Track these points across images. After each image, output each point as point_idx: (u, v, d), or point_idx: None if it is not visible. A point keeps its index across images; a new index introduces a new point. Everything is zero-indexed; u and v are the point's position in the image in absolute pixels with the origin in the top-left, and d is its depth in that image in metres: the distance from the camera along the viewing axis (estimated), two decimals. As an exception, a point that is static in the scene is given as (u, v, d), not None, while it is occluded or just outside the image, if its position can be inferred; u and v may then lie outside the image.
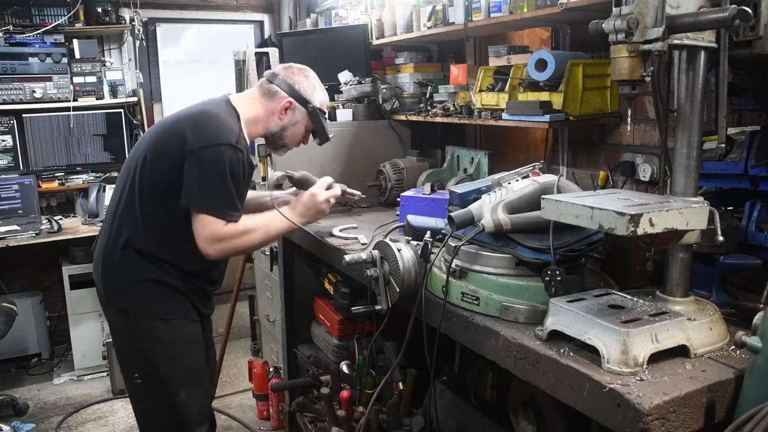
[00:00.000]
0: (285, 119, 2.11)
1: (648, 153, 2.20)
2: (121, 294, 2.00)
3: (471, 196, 1.84)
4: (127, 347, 2.06)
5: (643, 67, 1.29)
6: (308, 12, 4.48)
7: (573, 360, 1.26)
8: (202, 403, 2.13)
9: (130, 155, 2.09)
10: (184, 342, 2.04)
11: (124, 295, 1.99)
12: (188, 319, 2.05)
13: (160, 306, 1.99)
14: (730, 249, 1.51)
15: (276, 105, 2.09)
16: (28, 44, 4.02)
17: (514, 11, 2.29)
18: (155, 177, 1.93)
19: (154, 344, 1.99)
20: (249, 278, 4.19)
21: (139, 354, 2.01)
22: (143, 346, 2.00)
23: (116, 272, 2.01)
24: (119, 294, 2.01)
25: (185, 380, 2.04)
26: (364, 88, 3.13)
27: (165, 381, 2.00)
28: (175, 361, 2.01)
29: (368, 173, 3.05)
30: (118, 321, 2.05)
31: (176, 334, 2.02)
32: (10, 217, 3.98)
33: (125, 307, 2.00)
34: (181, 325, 2.03)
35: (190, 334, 2.06)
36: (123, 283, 1.99)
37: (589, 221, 1.24)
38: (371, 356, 2.39)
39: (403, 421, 2.20)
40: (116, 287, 2.02)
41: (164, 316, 1.99)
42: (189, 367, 2.06)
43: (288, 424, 2.95)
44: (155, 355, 1.99)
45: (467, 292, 1.56)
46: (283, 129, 2.12)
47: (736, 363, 1.25)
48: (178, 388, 2.02)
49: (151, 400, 2.06)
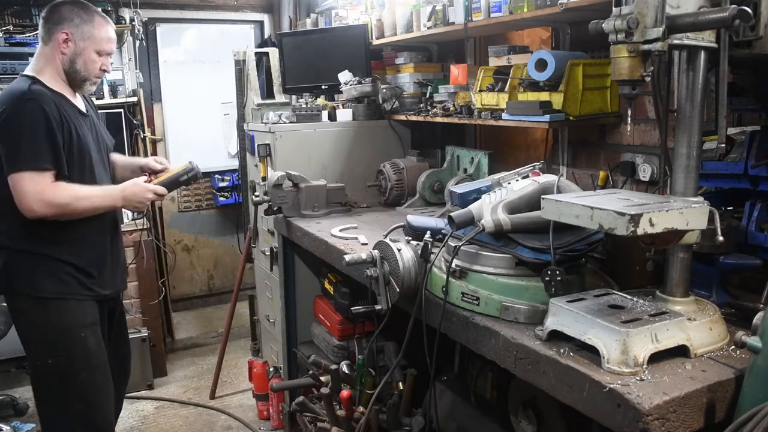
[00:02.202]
0: (68, 51, 2.12)
1: (648, 153, 2.20)
2: None
3: (471, 196, 1.84)
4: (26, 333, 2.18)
5: (643, 67, 1.30)
6: (308, 12, 4.48)
7: (573, 360, 1.26)
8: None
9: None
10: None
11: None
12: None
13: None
14: (730, 249, 1.51)
15: (54, 42, 2.11)
16: (28, 44, 4.01)
17: (514, 11, 2.29)
18: None
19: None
20: (249, 278, 4.19)
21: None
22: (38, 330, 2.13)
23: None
24: None
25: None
26: (364, 88, 3.13)
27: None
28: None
29: (368, 173, 3.05)
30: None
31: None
32: (10, 217, 3.97)
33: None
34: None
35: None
36: None
37: (589, 221, 1.24)
38: (371, 356, 2.38)
39: (403, 421, 2.20)
40: None
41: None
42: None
43: (288, 424, 2.95)
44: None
45: (467, 292, 1.56)
46: (72, 62, 2.13)
47: (736, 363, 1.25)
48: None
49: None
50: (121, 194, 2.19)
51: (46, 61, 2.12)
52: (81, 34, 2.12)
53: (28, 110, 1.99)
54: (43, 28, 2.14)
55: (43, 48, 2.14)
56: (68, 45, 2.11)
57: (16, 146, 1.98)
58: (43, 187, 1.98)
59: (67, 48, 2.11)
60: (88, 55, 2.15)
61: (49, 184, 2.00)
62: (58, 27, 2.11)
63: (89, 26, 2.14)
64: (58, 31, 2.10)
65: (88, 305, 2.17)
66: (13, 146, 1.98)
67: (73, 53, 2.13)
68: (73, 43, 2.12)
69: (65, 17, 2.11)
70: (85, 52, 2.14)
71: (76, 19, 2.12)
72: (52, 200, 2.00)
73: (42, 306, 2.09)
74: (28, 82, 2.05)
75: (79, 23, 2.12)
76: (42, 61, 2.13)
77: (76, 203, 2.06)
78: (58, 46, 2.11)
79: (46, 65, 2.12)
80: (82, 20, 2.13)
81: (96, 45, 2.15)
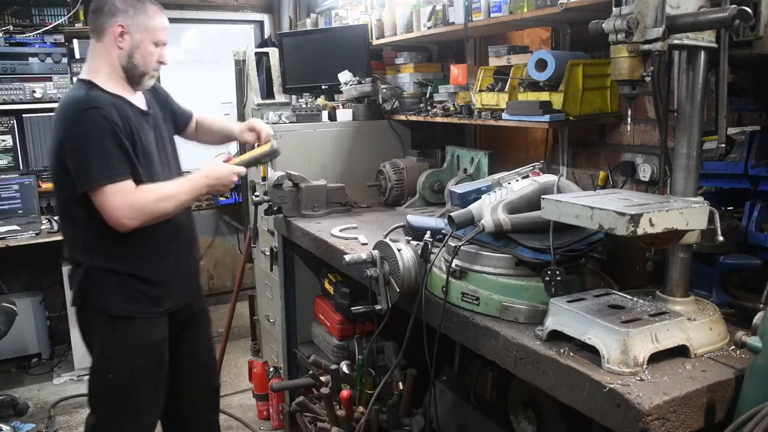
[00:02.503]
0: (125, 45, 1.95)
1: (648, 153, 2.20)
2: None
3: (471, 196, 1.84)
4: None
5: (643, 67, 1.30)
6: (308, 12, 4.48)
7: (573, 360, 1.26)
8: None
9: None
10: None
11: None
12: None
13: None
14: (730, 249, 1.51)
15: (109, 37, 1.94)
16: (28, 44, 4.02)
17: (514, 11, 2.29)
18: (55, 183, 1.99)
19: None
20: (249, 278, 4.19)
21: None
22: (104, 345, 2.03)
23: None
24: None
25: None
26: (364, 88, 3.13)
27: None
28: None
29: (368, 173, 3.05)
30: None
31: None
32: (10, 217, 3.98)
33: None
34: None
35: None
36: None
37: (589, 221, 1.24)
38: (371, 356, 2.38)
39: (403, 421, 2.20)
40: None
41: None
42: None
43: (288, 424, 2.95)
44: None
45: (467, 292, 1.56)
46: (130, 56, 1.97)
47: (736, 363, 1.25)
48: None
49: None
50: (206, 181, 2.02)
51: (102, 59, 1.96)
52: (137, 26, 1.95)
53: (89, 120, 1.84)
54: (93, 22, 1.96)
55: (96, 45, 1.97)
56: (124, 39, 1.94)
57: (85, 161, 1.83)
58: (129, 197, 1.85)
59: (123, 42, 1.94)
60: (146, 47, 1.98)
61: (133, 192, 1.87)
62: (112, 20, 1.93)
63: (144, 16, 1.96)
64: (113, 24, 1.93)
65: (158, 323, 2.06)
66: (82, 161, 1.84)
67: (131, 47, 1.96)
68: (130, 36, 1.94)
69: (119, 8, 1.93)
70: (143, 44, 1.97)
71: (130, 10, 1.94)
72: (143, 208, 1.87)
73: (111, 323, 1.98)
74: (84, 89, 1.91)
75: (133, 14, 1.94)
76: (97, 60, 1.97)
77: (164, 204, 1.92)
78: (113, 40, 1.93)
79: (101, 64, 1.96)
80: (136, 10, 1.95)
81: (153, 36, 1.99)
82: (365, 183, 3.02)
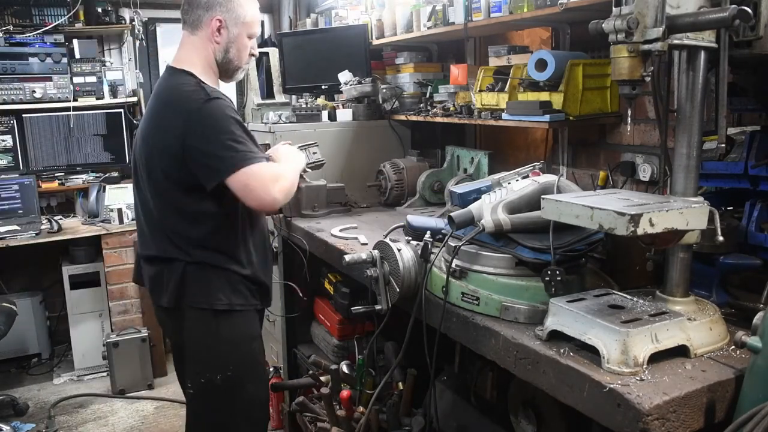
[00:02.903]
0: (222, 39, 1.92)
1: (648, 153, 2.20)
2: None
3: (471, 196, 1.84)
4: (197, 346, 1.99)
5: (643, 67, 1.30)
6: (308, 12, 4.48)
7: (573, 360, 1.26)
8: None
9: (133, 163, 2.01)
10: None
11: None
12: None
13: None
14: (730, 249, 1.51)
15: (206, 31, 1.91)
16: (28, 44, 4.02)
17: (514, 11, 2.29)
18: (160, 175, 1.86)
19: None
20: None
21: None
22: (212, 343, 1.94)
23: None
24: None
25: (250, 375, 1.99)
26: (364, 88, 3.13)
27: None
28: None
29: (368, 173, 3.05)
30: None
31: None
32: (10, 217, 3.98)
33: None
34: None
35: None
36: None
37: (589, 221, 1.24)
38: (371, 356, 2.39)
39: (403, 421, 2.20)
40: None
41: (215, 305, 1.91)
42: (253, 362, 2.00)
43: (288, 424, 2.95)
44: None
45: (467, 292, 1.56)
46: (226, 51, 1.94)
47: (736, 363, 1.24)
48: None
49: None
50: (298, 154, 2.03)
51: (196, 53, 1.92)
52: (234, 19, 1.91)
53: (215, 109, 1.79)
54: (190, 14, 1.92)
55: (190, 38, 1.93)
56: (221, 33, 1.90)
57: (220, 150, 1.76)
58: (274, 174, 1.80)
59: (220, 37, 1.91)
60: (242, 41, 1.95)
61: (272, 171, 1.82)
62: (209, 13, 1.89)
63: (241, 9, 1.92)
64: (210, 18, 1.89)
65: (254, 316, 2.03)
66: (216, 151, 1.76)
67: (227, 41, 1.92)
68: (227, 30, 1.91)
69: (217, 1, 1.89)
70: (239, 38, 1.94)
71: (228, 3, 1.89)
72: (284, 184, 1.83)
73: (215, 318, 1.91)
74: (191, 80, 1.86)
75: (231, 7, 1.90)
76: (191, 53, 1.93)
77: (290, 181, 1.89)
78: (211, 35, 1.90)
79: (196, 57, 1.92)
80: (234, 3, 1.90)
81: (248, 29, 1.95)
82: (365, 183, 3.02)
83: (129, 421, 3.51)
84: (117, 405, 3.72)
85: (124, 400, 3.75)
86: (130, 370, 3.79)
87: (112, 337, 3.79)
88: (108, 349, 3.76)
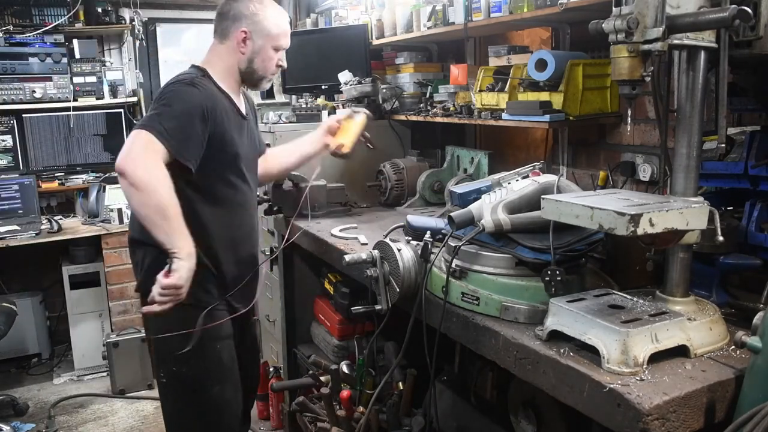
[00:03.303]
0: (247, 50, 2.00)
1: (648, 153, 2.20)
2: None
3: (471, 196, 1.84)
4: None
5: (643, 67, 1.29)
6: (308, 12, 4.48)
7: (573, 360, 1.26)
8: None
9: None
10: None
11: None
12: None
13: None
14: (730, 249, 1.51)
15: (232, 41, 2.00)
16: (28, 44, 4.02)
17: (514, 11, 2.29)
18: None
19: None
20: (249, 278, 4.18)
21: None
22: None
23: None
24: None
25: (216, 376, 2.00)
26: (364, 88, 3.13)
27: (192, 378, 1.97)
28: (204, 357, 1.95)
29: (368, 173, 3.05)
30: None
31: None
32: (10, 217, 3.98)
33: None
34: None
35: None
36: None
37: (589, 221, 1.24)
38: (371, 356, 2.39)
39: (403, 421, 2.20)
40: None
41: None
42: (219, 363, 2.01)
43: (288, 424, 2.95)
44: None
45: (467, 292, 1.56)
46: (250, 61, 2.02)
47: (736, 363, 1.24)
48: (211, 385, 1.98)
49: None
50: (185, 250, 1.78)
51: (219, 58, 2.02)
52: (259, 32, 1.99)
53: (186, 93, 1.86)
54: (219, 24, 2.02)
55: (217, 46, 2.03)
56: (246, 44, 1.99)
57: (156, 111, 1.81)
58: (143, 145, 1.75)
59: (245, 48, 1.99)
60: (266, 53, 2.02)
61: (150, 150, 1.75)
62: (236, 25, 1.98)
63: (267, 22, 2.00)
64: (237, 29, 1.98)
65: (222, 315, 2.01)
66: (155, 111, 1.82)
67: (252, 52, 2.00)
68: (252, 41, 1.99)
69: (244, 14, 1.98)
70: (264, 50, 2.01)
71: (255, 16, 1.98)
72: (142, 164, 1.73)
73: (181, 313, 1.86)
74: (196, 73, 1.96)
75: (257, 20, 1.98)
76: (216, 59, 2.02)
77: (145, 194, 1.73)
78: (236, 45, 1.99)
79: (219, 63, 2.01)
80: (260, 17, 1.99)
81: (274, 41, 2.02)
82: (365, 183, 3.02)
83: (129, 421, 3.51)
84: (117, 405, 3.72)
85: (124, 400, 3.74)
86: (130, 370, 3.79)
87: (112, 337, 3.79)
88: (108, 349, 3.76)
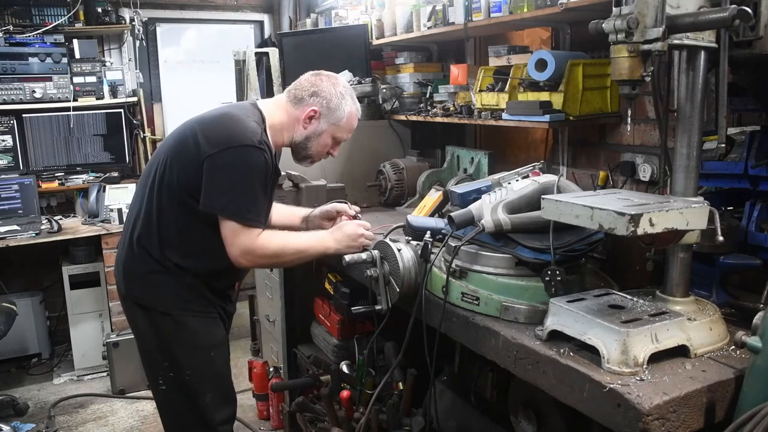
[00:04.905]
0: (309, 128, 1.99)
1: (648, 153, 2.20)
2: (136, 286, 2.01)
3: (471, 196, 1.84)
4: (150, 346, 2.04)
5: (643, 67, 1.30)
6: (308, 12, 4.48)
7: (573, 360, 1.26)
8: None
9: (151, 158, 2.05)
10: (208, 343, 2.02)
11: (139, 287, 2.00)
12: (210, 317, 2.03)
13: (176, 298, 1.97)
14: (730, 249, 1.51)
15: (300, 113, 1.98)
16: (28, 44, 4.02)
17: (514, 11, 2.29)
18: (173, 181, 1.89)
19: (178, 346, 1.98)
20: (249, 278, 4.18)
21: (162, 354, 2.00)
22: (166, 345, 1.98)
23: (130, 266, 2.02)
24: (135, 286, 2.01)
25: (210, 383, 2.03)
26: (364, 88, 3.13)
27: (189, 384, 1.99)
28: (201, 364, 1.99)
29: (368, 173, 3.05)
30: (138, 317, 2.03)
31: (199, 333, 1.99)
32: (10, 217, 3.97)
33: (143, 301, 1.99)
34: (202, 322, 2.00)
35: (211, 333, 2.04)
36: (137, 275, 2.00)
37: (589, 221, 1.24)
38: (371, 356, 2.38)
39: (403, 421, 2.20)
40: (131, 280, 2.02)
41: (184, 307, 1.96)
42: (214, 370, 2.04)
43: (288, 424, 2.95)
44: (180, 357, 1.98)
45: (467, 292, 1.56)
46: (307, 139, 2.00)
47: (736, 363, 1.25)
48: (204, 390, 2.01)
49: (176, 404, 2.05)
50: (331, 236, 2.01)
51: (285, 118, 1.99)
52: (328, 117, 1.98)
53: (252, 157, 1.82)
54: (297, 90, 1.99)
55: (287, 104, 2.00)
56: (311, 122, 1.98)
57: (228, 189, 1.82)
58: (251, 241, 1.85)
59: (308, 124, 1.98)
60: (326, 138, 2.01)
61: (256, 239, 1.86)
62: (312, 99, 1.96)
63: (340, 112, 1.98)
64: (310, 104, 1.96)
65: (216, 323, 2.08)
66: (225, 187, 1.83)
67: (313, 131, 1.99)
68: (318, 121, 1.98)
69: (323, 96, 1.96)
70: (324, 134, 2.00)
71: (331, 102, 1.97)
72: (262, 253, 1.88)
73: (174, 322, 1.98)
74: (259, 126, 1.89)
75: (332, 106, 1.97)
76: (279, 112, 1.99)
77: (285, 258, 2.00)
78: (302, 117, 1.97)
79: (279, 119, 1.98)
80: (335, 103, 1.97)
81: (337, 132, 2.02)
82: (365, 183, 3.02)
83: (129, 421, 3.51)
84: (117, 405, 3.71)
85: (124, 400, 3.74)
86: (130, 370, 3.79)
87: (112, 337, 3.79)
88: (108, 349, 3.76)
